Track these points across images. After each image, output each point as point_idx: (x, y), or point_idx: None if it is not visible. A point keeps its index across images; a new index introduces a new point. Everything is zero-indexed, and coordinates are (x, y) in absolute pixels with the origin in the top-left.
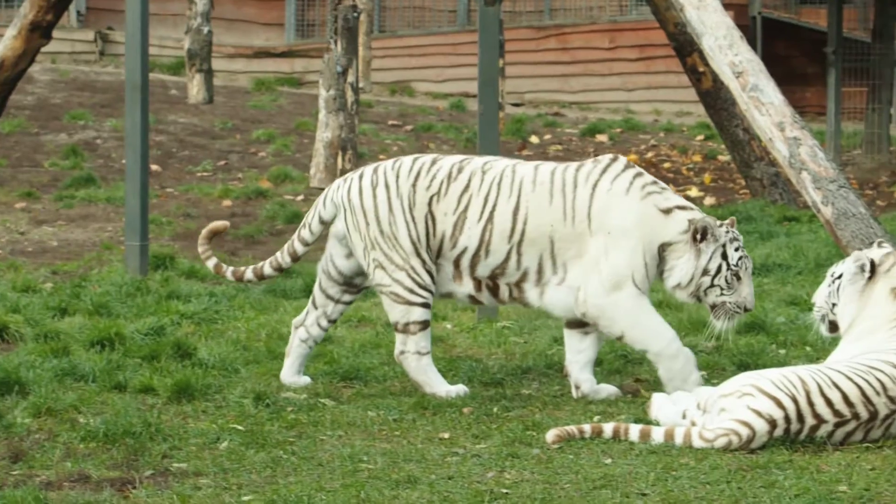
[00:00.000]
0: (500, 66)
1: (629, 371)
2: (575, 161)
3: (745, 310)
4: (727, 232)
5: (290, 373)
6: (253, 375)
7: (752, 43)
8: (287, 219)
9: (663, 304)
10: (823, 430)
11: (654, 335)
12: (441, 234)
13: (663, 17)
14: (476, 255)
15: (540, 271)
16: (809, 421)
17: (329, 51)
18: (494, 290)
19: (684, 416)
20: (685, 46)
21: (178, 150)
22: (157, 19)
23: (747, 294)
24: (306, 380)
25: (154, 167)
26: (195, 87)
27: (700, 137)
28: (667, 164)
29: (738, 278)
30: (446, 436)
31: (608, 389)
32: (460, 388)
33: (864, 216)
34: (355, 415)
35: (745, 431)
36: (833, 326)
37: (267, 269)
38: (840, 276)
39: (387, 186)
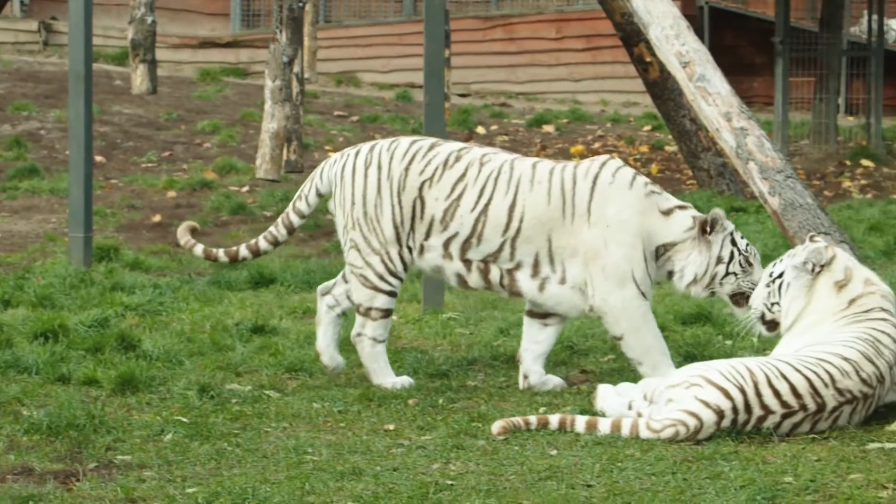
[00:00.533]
0: (447, 56)
1: (575, 362)
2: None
3: None
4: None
5: (325, 341)
6: (197, 367)
7: (699, 33)
8: (232, 210)
9: None
10: (771, 421)
11: (651, 350)
12: (430, 217)
13: (610, 6)
14: (467, 242)
15: (536, 265)
16: (757, 412)
17: (275, 41)
18: (485, 273)
19: (630, 408)
20: (632, 36)
21: (122, 141)
22: (102, 9)
23: (760, 276)
24: (341, 361)
25: (98, 158)
26: (139, 78)
27: (647, 128)
28: (614, 155)
29: (749, 263)
30: (391, 427)
31: (554, 381)
32: (405, 380)
33: (812, 206)
34: (300, 406)
35: (692, 422)
36: (772, 325)
37: (262, 243)
38: (780, 276)
39: (379, 167)
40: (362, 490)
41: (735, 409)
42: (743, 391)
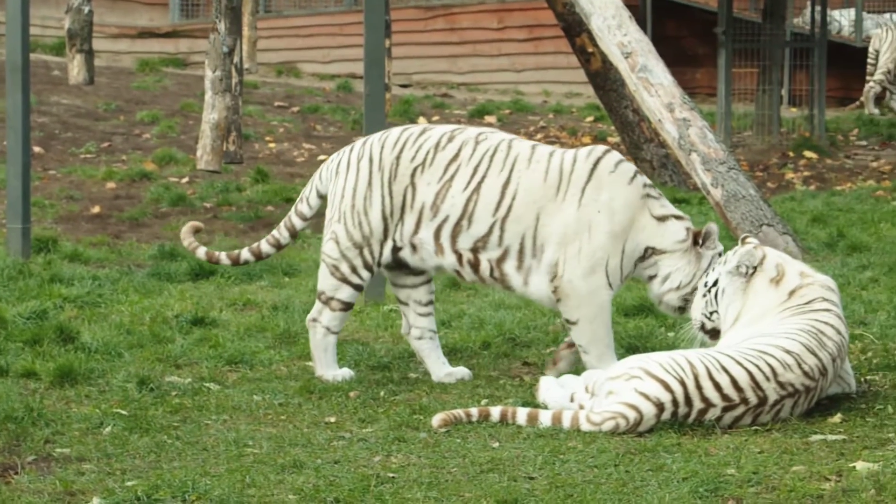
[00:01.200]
0: (387, 46)
1: (517, 354)
2: None
3: None
4: None
5: (436, 369)
6: (137, 360)
7: (641, 23)
8: (172, 201)
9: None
10: (712, 414)
11: (600, 341)
12: (421, 203)
13: None
14: (458, 225)
15: (521, 252)
16: (697, 405)
17: (214, 31)
18: (476, 266)
19: (572, 400)
20: (574, 27)
21: (60, 132)
22: None
23: None
24: (463, 370)
25: (36, 149)
26: (75, 68)
27: (590, 119)
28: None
29: None
30: (332, 420)
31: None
32: (346, 372)
33: (754, 198)
34: (240, 399)
35: (632, 415)
36: (714, 334)
37: (265, 246)
38: (715, 283)
39: (370, 159)
40: (303, 483)
41: (675, 402)
42: (683, 384)
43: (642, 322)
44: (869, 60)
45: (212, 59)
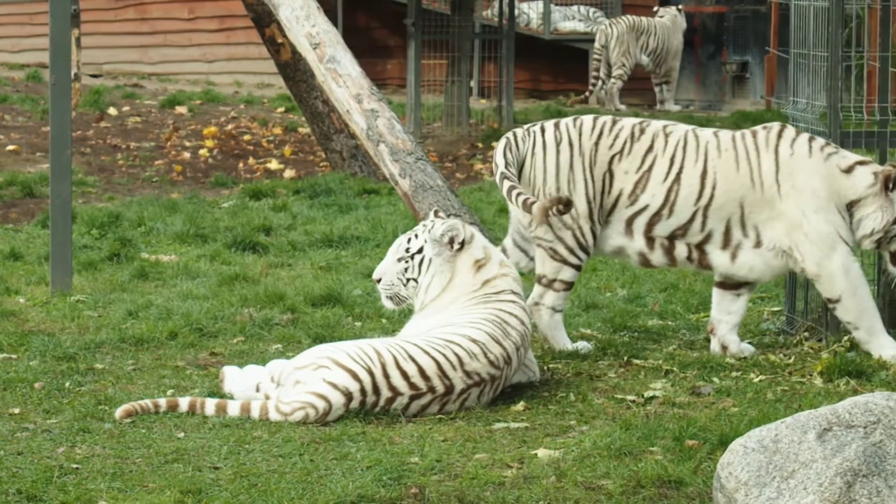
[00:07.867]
0: (77, 36)
1: (205, 345)
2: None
3: None
4: None
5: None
6: None
7: (332, 15)
8: None
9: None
10: (399, 403)
11: (867, 312)
12: (618, 191)
13: None
14: (657, 215)
15: (727, 234)
16: (385, 393)
17: None
18: (669, 250)
19: (258, 389)
20: (263, 17)
21: None
22: None
23: None
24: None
25: None
26: None
27: (281, 110)
28: (247, 137)
29: None
30: (16, 411)
31: (750, 349)
32: (583, 345)
33: (442, 188)
34: None
35: (321, 404)
36: (398, 300)
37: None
38: (419, 251)
39: (570, 144)
40: None
41: (363, 391)
42: (371, 373)
43: (329, 312)
44: (595, 56)
45: None
